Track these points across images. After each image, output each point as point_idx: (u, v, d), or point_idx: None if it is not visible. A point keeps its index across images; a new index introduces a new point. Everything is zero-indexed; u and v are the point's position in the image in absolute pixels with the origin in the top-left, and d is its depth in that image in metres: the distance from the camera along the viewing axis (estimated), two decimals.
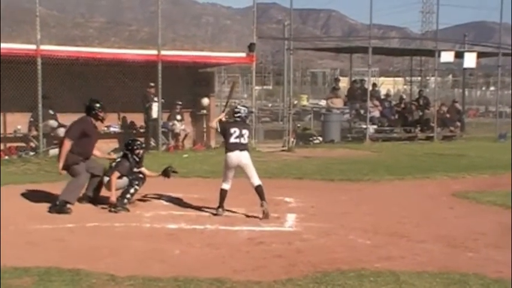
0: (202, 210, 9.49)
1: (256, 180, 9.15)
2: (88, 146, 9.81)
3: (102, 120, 10.09)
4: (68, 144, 9.52)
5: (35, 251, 7.13)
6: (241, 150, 9.16)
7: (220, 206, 9.20)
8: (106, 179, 9.86)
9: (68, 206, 9.35)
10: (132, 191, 9.70)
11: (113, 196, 9.58)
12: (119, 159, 10.03)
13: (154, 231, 8.22)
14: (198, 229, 8.34)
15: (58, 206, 9.30)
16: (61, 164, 9.52)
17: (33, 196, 10.23)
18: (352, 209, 9.87)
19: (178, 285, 5.80)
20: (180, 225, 8.57)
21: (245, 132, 9.28)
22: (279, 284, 5.87)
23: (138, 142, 10.49)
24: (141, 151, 10.21)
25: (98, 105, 9.91)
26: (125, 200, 9.58)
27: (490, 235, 8.08)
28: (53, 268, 6.21)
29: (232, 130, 9.22)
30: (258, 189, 9.11)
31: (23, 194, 10.39)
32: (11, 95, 15.42)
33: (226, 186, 9.22)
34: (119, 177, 9.74)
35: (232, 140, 9.18)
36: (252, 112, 9.84)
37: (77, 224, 8.53)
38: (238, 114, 9.43)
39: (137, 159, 10.10)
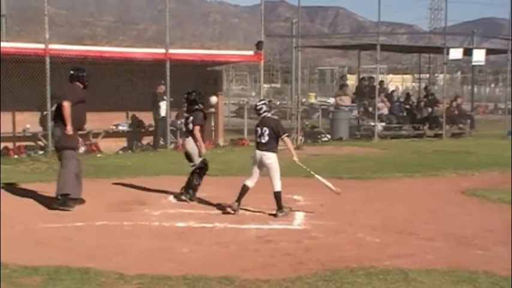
0: (211, 209, 9.49)
1: (276, 186, 9.00)
2: (83, 114, 9.75)
3: (86, 86, 9.88)
4: (69, 107, 9.37)
5: (44, 249, 7.15)
6: (261, 150, 9.05)
7: (237, 200, 9.09)
8: (188, 141, 9.97)
9: (70, 200, 9.40)
10: (196, 182, 9.97)
11: (203, 148, 10.00)
12: (190, 117, 10.06)
13: (163, 230, 8.23)
14: (207, 227, 8.34)
15: (60, 201, 9.34)
16: (69, 126, 9.38)
17: (42, 195, 10.25)
18: (361, 207, 9.86)
19: (187, 284, 5.81)
20: (189, 223, 8.57)
21: (265, 130, 9.07)
22: (288, 282, 5.87)
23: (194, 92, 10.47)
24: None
25: (84, 73, 9.84)
26: (191, 191, 9.95)
27: (499, 232, 8.06)
28: (62, 267, 6.23)
29: (256, 129, 9.21)
30: (275, 196, 9.01)
31: (32, 193, 10.42)
32: (20, 94, 15.48)
33: (248, 182, 9.13)
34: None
35: (257, 139, 9.14)
36: (264, 102, 9.58)
37: (85, 222, 8.55)
38: (259, 111, 9.25)
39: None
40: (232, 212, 9.08)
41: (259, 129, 9.13)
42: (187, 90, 10.60)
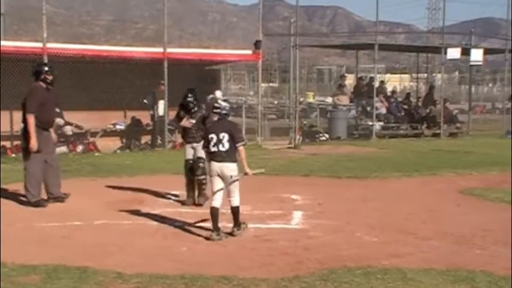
0: (209, 208, 9.47)
1: (236, 200, 7.75)
2: (49, 114, 9.81)
3: (51, 83, 9.79)
4: (32, 119, 9.46)
5: (43, 248, 7.16)
6: (222, 161, 7.61)
7: (215, 229, 7.66)
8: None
9: (40, 198, 9.54)
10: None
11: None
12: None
13: (161, 229, 8.23)
14: (205, 226, 8.31)
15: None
16: (34, 140, 9.47)
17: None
18: (359, 206, 9.86)
19: (185, 283, 5.81)
20: (187, 222, 8.56)
21: (224, 136, 7.63)
22: (286, 281, 5.87)
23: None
24: None
25: (46, 68, 9.81)
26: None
27: (497, 232, 8.06)
28: (61, 266, 6.23)
29: (210, 136, 7.71)
30: (234, 211, 7.79)
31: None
32: (18, 93, 15.42)
33: (215, 203, 7.72)
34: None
35: (212, 148, 7.66)
36: (228, 107, 8.16)
37: (84, 221, 8.55)
38: (218, 111, 7.88)
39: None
40: (217, 239, 7.59)
41: (214, 135, 7.63)
42: (185, 89, 10.48)
